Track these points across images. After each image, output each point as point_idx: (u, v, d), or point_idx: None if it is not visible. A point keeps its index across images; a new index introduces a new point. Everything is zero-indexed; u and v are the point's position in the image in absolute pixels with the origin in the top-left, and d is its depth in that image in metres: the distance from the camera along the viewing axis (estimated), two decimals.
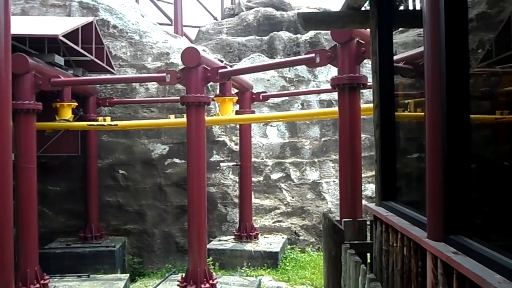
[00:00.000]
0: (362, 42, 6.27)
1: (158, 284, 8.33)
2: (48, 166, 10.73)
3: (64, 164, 11.08)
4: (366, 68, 9.90)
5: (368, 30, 4.21)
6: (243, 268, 9.62)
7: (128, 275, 8.82)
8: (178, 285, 7.46)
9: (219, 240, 10.65)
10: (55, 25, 9.05)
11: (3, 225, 5.69)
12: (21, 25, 8.16)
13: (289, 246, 10.96)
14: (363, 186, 7.47)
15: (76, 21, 9.45)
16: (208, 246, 9.38)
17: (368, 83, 6.71)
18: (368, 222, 3.98)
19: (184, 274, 7.58)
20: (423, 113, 2.82)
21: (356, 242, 3.73)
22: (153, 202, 11.30)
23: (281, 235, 11.18)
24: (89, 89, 10.29)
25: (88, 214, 10.54)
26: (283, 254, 10.48)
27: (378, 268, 3.40)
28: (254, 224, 10.80)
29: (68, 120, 8.68)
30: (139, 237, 11.23)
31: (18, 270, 6.73)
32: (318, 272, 9.42)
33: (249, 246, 10.16)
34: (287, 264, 10.09)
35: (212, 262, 9.47)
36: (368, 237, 3.99)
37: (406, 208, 3.16)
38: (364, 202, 6.97)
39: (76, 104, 9.08)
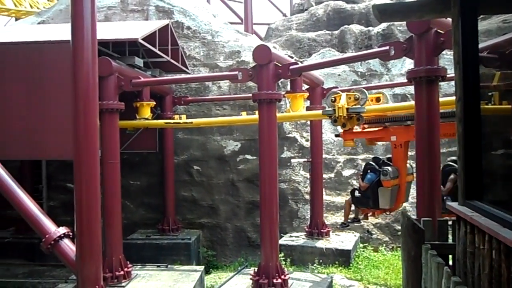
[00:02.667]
0: (441, 32, 5.94)
1: (231, 277, 8.54)
2: (130, 162, 11.42)
3: (143, 160, 11.74)
4: (444, 59, 9.35)
5: (449, 19, 3.98)
6: (314, 265, 9.55)
7: (203, 267, 9.13)
8: (250, 278, 7.60)
9: (290, 236, 10.68)
10: (134, 29, 9.59)
11: (92, 217, 6.18)
12: (104, 31, 8.75)
13: (361, 245, 10.70)
14: None
15: (153, 25, 9.94)
16: (280, 241, 9.44)
17: (448, 75, 6.35)
18: (449, 222, 3.77)
19: (256, 269, 7.70)
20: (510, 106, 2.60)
21: (437, 242, 3.56)
22: (226, 197, 11.62)
23: (353, 233, 10.95)
24: (165, 89, 10.80)
25: (165, 208, 11.09)
26: (355, 252, 10.26)
27: (462, 272, 3.21)
28: (325, 221, 10.68)
29: (147, 119, 9.18)
30: (213, 231, 11.61)
31: (105, 257, 7.24)
32: (392, 272, 9.11)
33: (320, 243, 10.08)
34: (360, 263, 9.86)
35: (283, 258, 9.51)
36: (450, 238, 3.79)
37: (495, 208, 2.94)
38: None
39: (154, 103, 9.57)
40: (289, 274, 7.80)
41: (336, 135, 8.95)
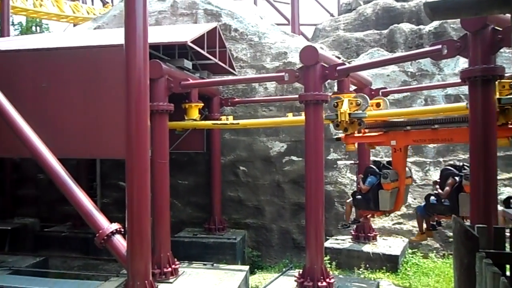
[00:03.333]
0: (499, 29, 5.64)
1: (276, 278, 8.55)
2: (178, 162, 11.73)
3: (191, 160, 12.02)
4: (502, 57, 8.87)
5: (507, 15, 3.78)
6: (360, 269, 9.36)
7: (248, 267, 9.20)
8: (295, 280, 7.57)
9: (336, 239, 10.53)
10: (183, 32, 9.83)
11: (142, 214, 6.40)
12: (155, 35, 9.04)
13: (410, 250, 10.36)
14: (498, 190, 6.69)
15: (202, 28, 10.15)
16: (325, 244, 9.33)
17: (507, 74, 6.01)
18: (507, 230, 3.57)
19: (301, 271, 7.66)
20: None
21: (492, 251, 3.38)
22: (271, 198, 11.64)
23: (401, 238, 10.63)
24: (213, 90, 10.99)
25: (212, 207, 11.29)
26: (404, 258, 9.95)
27: None
28: (372, 225, 10.44)
29: (195, 120, 9.38)
30: (258, 231, 11.67)
31: (154, 254, 7.47)
32: (443, 280, 8.75)
33: (367, 247, 9.86)
34: (408, 269, 9.55)
35: (328, 261, 9.40)
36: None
37: None
38: (499, 207, 6.42)
39: (202, 104, 9.77)
40: (334, 278, 7.70)
41: (337, 139, 9.05)
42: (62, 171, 7.15)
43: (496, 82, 6.32)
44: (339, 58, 11.98)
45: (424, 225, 8.39)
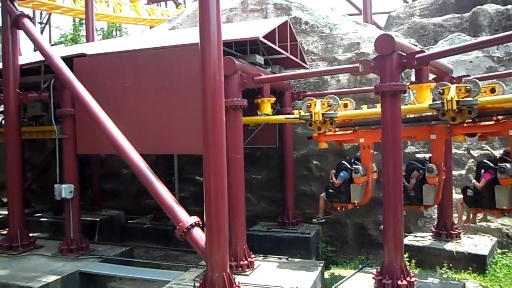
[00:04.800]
0: None
1: (353, 275, 8.34)
2: (251, 157, 11.88)
3: (264, 155, 12.12)
4: None
5: None
6: (443, 268, 8.85)
7: (323, 262, 9.10)
8: (373, 277, 7.33)
9: (415, 236, 10.05)
10: (254, 28, 9.91)
11: (219, 208, 6.56)
12: (227, 32, 9.21)
13: (499, 250, 9.60)
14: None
15: (272, 22, 10.15)
16: (404, 241, 8.93)
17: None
18: None
19: (379, 268, 7.41)
20: None
21: None
22: None
23: (489, 236, 9.89)
24: (284, 85, 10.96)
25: (285, 202, 11.30)
26: (492, 258, 9.24)
27: None
28: (455, 221, 9.82)
29: (268, 114, 9.43)
30: (332, 227, 11.49)
31: (230, 247, 7.61)
32: None
33: (449, 246, 9.29)
34: (498, 270, 8.85)
35: (407, 259, 8.99)
36: None
37: None
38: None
39: (274, 99, 9.79)
40: (415, 277, 7.34)
41: (309, 138, 9.58)
42: (145, 166, 7.56)
43: (454, 86, 7.18)
44: (415, 46, 11.38)
45: None
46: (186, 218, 6.99)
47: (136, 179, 8.11)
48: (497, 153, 8.77)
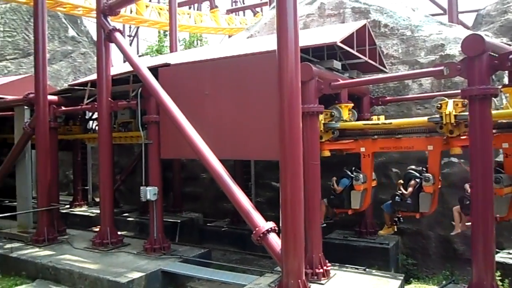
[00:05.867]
0: None
1: None
2: (327, 163, 11.64)
3: (341, 161, 11.84)
4: None
5: None
6: None
7: (403, 275, 8.69)
8: None
9: (509, 253, 9.21)
10: (331, 33, 9.79)
11: (296, 214, 6.55)
12: (304, 38, 9.21)
13: None
14: None
15: (350, 27, 9.96)
16: (496, 258, 8.21)
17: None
18: None
19: (466, 286, 6.88)
20: None
21: None
22: None
23: None
24: (363, 90, 10.68)
25: (363, 210, 10.93)
26: None
27: None
28: None
29: (345, 120, 9.24)
30: (413, 238, 10.92)
31: (306, 254, 7.56)
32: None
33: None
34: None
35: (499, 278, 8.26)
36: None
37: None
38: None
39: (352, 104, 9.57)
40: None
41: None
42: (224, 171, 7.79)
43: (451, 101, 7.66)
44: (509, 45, 10.49)
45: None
46: (262, 224, 7.07)
47: (215, 183, 8.38)
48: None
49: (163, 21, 24.82)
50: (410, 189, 8.59)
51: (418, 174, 8.65)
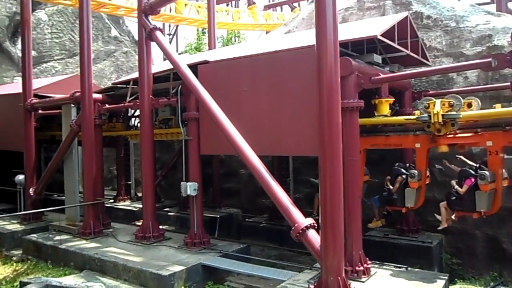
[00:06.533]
0: None
1: None
2: (369, 159, 11.43)
3: (381, 157, 11.59)
4: None
5: None
6: None
7: (447, 275, 8.40)
8: None
9: None
10: (371, 26, 9.57)
11: (335, 211, 6.48)
12: (342, 32, 9.06)
13: None
14: None
15: (391, 19, 9.69)
16: None
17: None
18: None
19: None
20: None
21: None
22: None
23: None
24: (404, 84, 10.39)
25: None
26: None
27: None
28: None
29: (386, 115, 9.03)
30: (458, 237, 10.53)
31: (345, 251, 7.47)
32: None
33: None
34: None
35: None
36: None
37: None
38: None
39: (393, 99, 9.33)
40: None
41: None
42: (263, 167, 7.82)
43: (439, 101, 7.94)
44: None
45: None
46: (301, 220, 7.05)
47: (253, 179, 8.42)
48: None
49: (202, 18, 25.12)
50: (396, 185, 9.15)
51: (404, 171, 9.14)
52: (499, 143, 7.78)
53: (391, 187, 9.26)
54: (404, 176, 9.08)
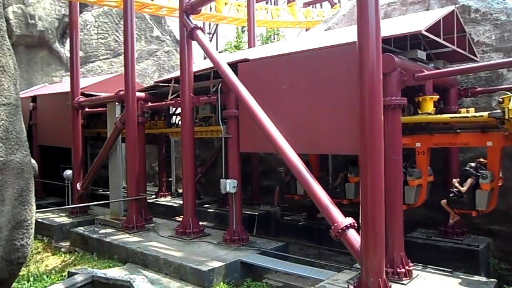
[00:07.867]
0: None
1: None
2: (411, 158, 11.15)
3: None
4: None
5: None
6: None
7: (495, 281, 8.04)
8: None
9: None
10: (414, 21, 9.27)
11: (376, 211, 6.36)
12: (384, 28, 8.83)
13: None
14: None
15: (436, 14, 9.35)
16: None
17: None
18: None
19: None
20: None
21: None
22: None
23: None
24: (449, 81, 10.02)
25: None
26: None
27: None
28: None
29: (430, 113, 8.73)
30: (508, 241, 10.06)
31: (386, 253, 7.29)
32: None
33: None
34: None
35: None
36: None
37: None
38: None
39: (438, 96, 9.01)
40: None
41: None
42: (302, 166, 7.78)
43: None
44: None
45: None
46: (341, 219, 6.96)
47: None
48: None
49: (242, 17, 25.24)
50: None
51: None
52: None
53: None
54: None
